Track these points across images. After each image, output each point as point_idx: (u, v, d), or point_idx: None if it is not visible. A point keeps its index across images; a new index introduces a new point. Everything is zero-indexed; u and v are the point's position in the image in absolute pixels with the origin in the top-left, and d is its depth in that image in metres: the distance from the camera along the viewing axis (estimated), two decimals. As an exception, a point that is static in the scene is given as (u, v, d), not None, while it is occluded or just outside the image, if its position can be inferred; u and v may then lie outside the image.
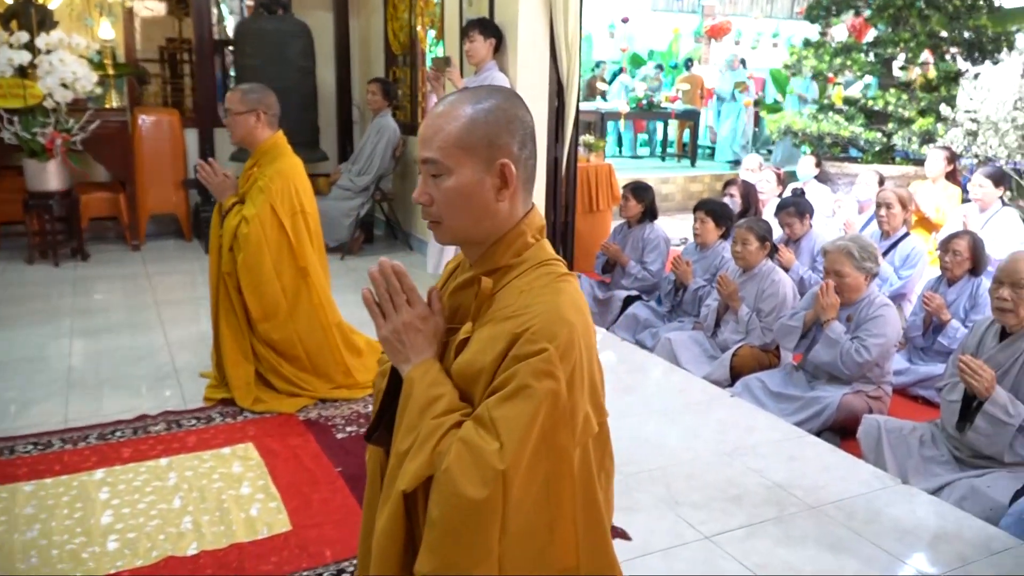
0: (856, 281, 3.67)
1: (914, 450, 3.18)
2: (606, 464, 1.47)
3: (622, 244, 5.37)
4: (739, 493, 2.83)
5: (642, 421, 3.44)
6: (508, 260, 1.39)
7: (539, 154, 5.01)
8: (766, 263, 4.36)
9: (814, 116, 8.05)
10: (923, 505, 2.80)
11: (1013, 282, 2.97)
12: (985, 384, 2.94)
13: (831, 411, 3.56)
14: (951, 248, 4.23)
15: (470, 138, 1.33)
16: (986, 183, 5.38)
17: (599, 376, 1.39)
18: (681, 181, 10.56)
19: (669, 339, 4.45)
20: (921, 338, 4.32)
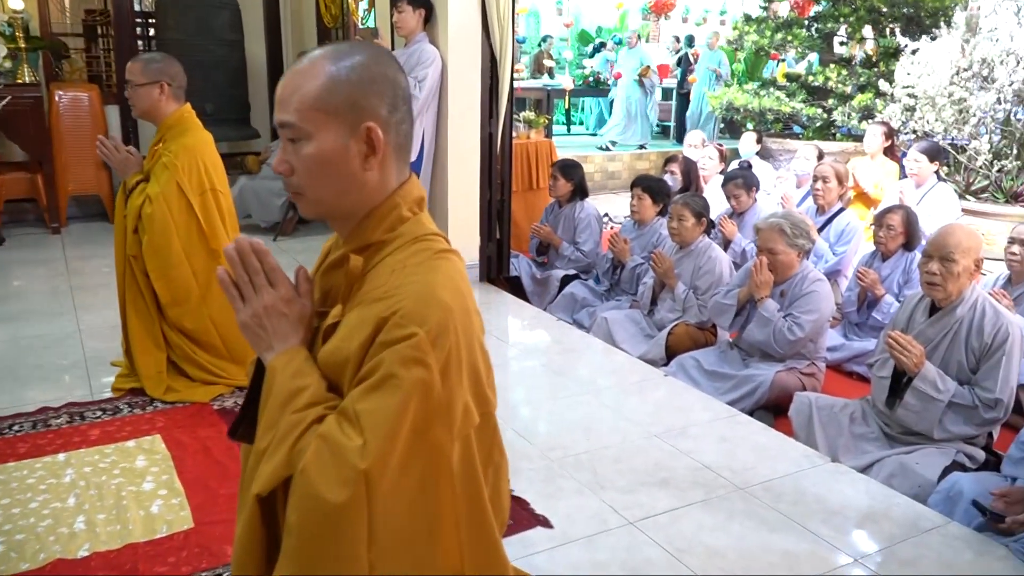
0: (789, 258, 3.61)
1: (844, 427, 3.13)
2: (494, 457, 1.35)
3: (554, 225, 5.26)
4: (667, 476, 2.75)
5: (572, 404, 3.35)
6: (380, 236, 1.26)
7: (473, 130, 4.92)
8: (702, 240, 4.29)
9: (756, 92, 8.02)
10: (852, 484, 2.75)
11: (942, 256, 2.92)
12: (914, 360, 2.90)
13: (764, 389, 3.51)
14: (885, 223, 4.20)
15: (331, 99, 1.19)
16: (921, 158, 5.38)
17: (483, 363, 1.27)
18: (627, 159, 10.48)
19: (605, 318, 4.36)
20: (856, 313, 4.30)
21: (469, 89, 4.79)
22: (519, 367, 3.78)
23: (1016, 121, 6.40)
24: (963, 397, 2.90)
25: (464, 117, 4.81)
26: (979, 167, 6.30)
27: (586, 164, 10.11)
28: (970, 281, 2.96)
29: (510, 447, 2.97)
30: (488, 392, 1.28)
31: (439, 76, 4.68)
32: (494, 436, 1.34)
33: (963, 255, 2.90)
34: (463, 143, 4.85)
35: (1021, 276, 3.78)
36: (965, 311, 2.96)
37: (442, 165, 4.90)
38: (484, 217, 5.04)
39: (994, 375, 2.87)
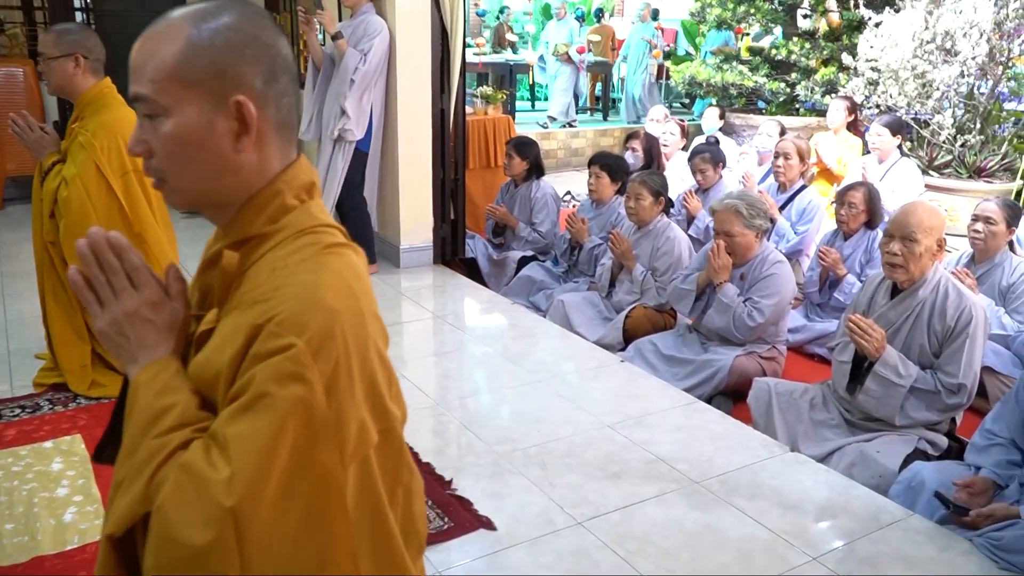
0: (747, 239, 3.48)
1: (804, 414, 3.03)
2: (403, 477, 1.18)
3: (509, 204, 5.09)
4: (619, 470, 2.62)
5: (524, 393, 3.20)
6: (261, 228, 1.08)
7: (424, 106, 4.71)
8: (661, 219, 4.15)
9: (718, 67, 7.87)
10: (811, 475, 2.64)
11: (904, 235, 2.81)
12: (875, 344, 2.79)
13: (723, 375, 3.39)
14: (847, 200, 4.09)
15: (191, 67, 1.01)
16: (884, 133, 5.28)
17: (382, 372, 1.10)
18: (591, 135, 10.32)
19: (562, 301, 4.22)
20: (817, 294, 4.19)
21: (419, 63, 4.58)
22: (471, 354, 3.62)
23: (979, 95, 6.33)
24: (925, 382, 2.80)
25: (414, 92, 4.61)
26: (942, 142, 6.23)
27: (549, 141, 9.95)
28: (933, 262, 2.85)
29: (456, 441, 2.83)
30: (390, 405, 1.12)
31: (386, 49, 4.46)
32: (400, 454, 1.17)
33: (925, 235, 2.79)
34: (413, 120, 4.65)
35: (984, 254, 3.69)
36: (927, 293, 2.85)
37: (392, 143, 4.69)
38: (437, 197, 4.85)
39: (957, 359, 2.77)
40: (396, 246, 4.85)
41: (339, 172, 4.52)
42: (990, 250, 3.67)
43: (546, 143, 9.91)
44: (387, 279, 4.65)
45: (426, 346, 3.72)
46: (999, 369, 3.36)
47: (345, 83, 4.36)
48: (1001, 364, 3.37)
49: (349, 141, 4.47)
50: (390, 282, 4.60)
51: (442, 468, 2.60)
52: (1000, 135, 6.37)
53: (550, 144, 9.95)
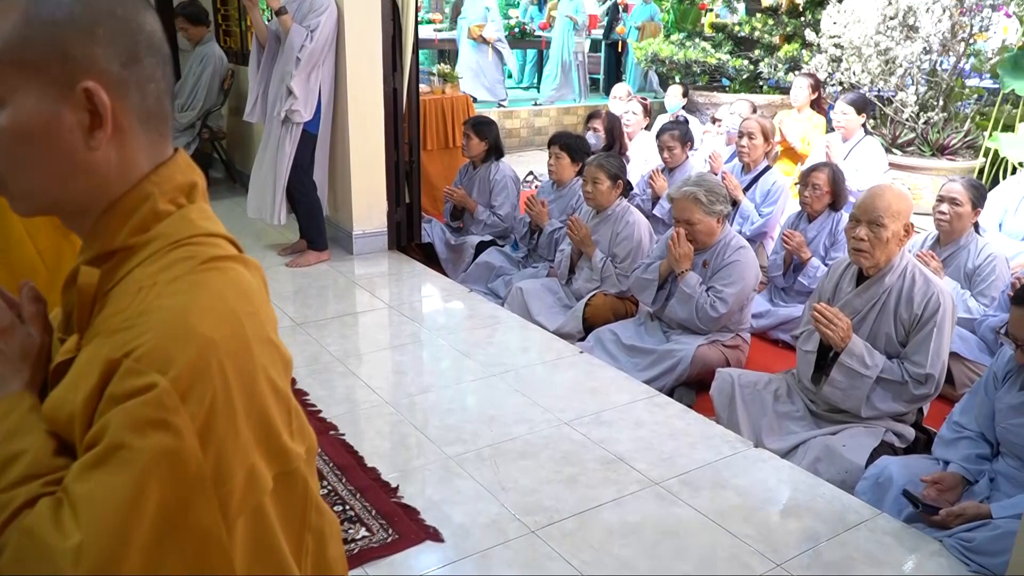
0: (708, 226, 3.35)
1: (768, 406, 2.92)
2: (311, 521, 1.03)
3: (468, 187, 4.92)
4: (575, 472, 2.49)
5: (478, 388, 3.05)
6: (126, 240, 0.91)
7: (375, 85, 4.51)
8: (620, 203, 4.00)
9: (681, 44, 7.72)
10: (774, 472, 2.54)
11: (870, 220, 2.69)
12: (841, 334, 2.69)
13: (684, 365, 3.27)
14: (810, 182, 3.98)
15: (28, 48, 0.83)
16: (849, 111, 5.19)
17: (278, 406, 0.94)
18: (554, 114, 10.13)
19: (521, 289, 4.07)
20: (782, 278, 4.09)
21: (369, 39, 4.36)
22: (424, 347, 3.46)
23: (942, 72, 6.26)
24: (892, 372, 2.71)
25: (364, 71, 4.40)
26: (905, 119, 6.16)
27: (511, 120, 9.76)
28: (899, 247, 2.74)
29: (405, 443, 2.67)
30: (289, 444, 0.96)
31: (334, 25, 4.24)
32: (306, 496, 1.02)
33: (892, 219, 2.68)
34: (364, 100, 4.44)
35: (950, 236, 3.61)
36: (894, 280, 2.74)
37: (342, 125, 4.49)
38: (391, 180, 4.66)
39: (924, 348, 2.67)
40: (349, 232, 4.66)
41: (287, 155, 4.31)
42: (955, 232, 3.58)
43: (508, 122, 9.71)
44: (339, 267, 4.46)
45: (378, 339, 3.55)
46: (966, 355, 3.28)
47: (291, 62, 4.14)
48: (968, 350, 3.30)
49: (296, 123, 4.26)
50: (342, 270, 4.41)
51: (388, 474, 2.45)
52: (962, 112, 6.31)
53: (512, 123, 9.75)
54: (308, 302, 3.93)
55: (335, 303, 3.93)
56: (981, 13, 6.05)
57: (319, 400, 2.92)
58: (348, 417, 2.80)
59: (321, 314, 3.76)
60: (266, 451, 0.91)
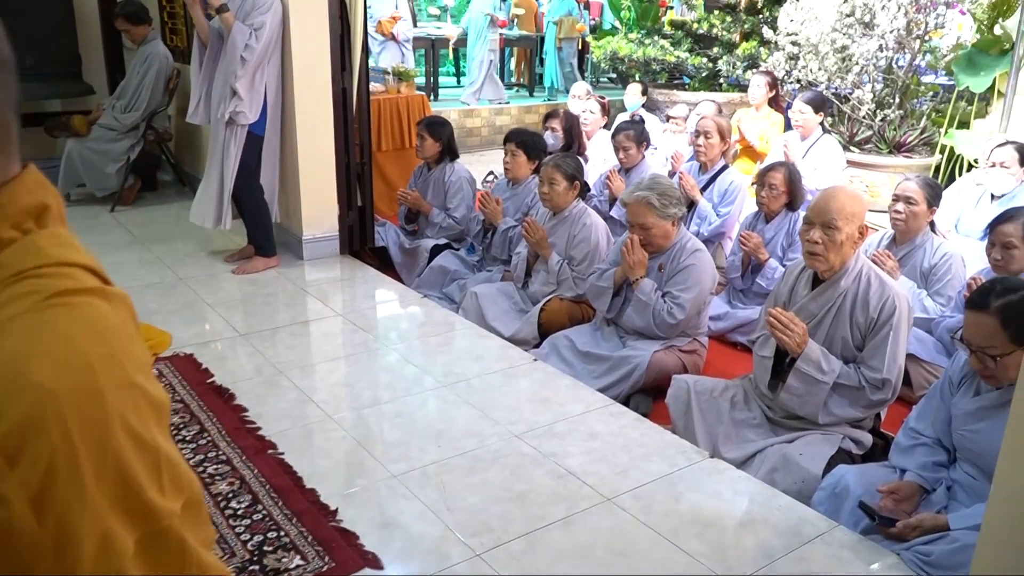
0: (662, 229, 3.27)
1: (724, 414, 2.85)
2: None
3: (422, 189, 4.80)
4: (525, 489, 2.39)
5: (427, 401, 2.95)
6: (-38, 271, 0.79)
7: (323, 86, 4.37)
8: (577, 205, 3.92)
9: (640, 41, 7.67)
10: (730, 483, 2.46)
11: (824, 223, 2.63)
12: (797, 339, 2.62)
13: (640, 372, 3.19)
14: (767, 181, 3.93)
15: None
16: (807, 110, 5.16)
17: (142, 460, 0.82)
18: (516, 112, 10.03)
19: (475, 293, 3.96)
20: (740, 279, 4.04)
21: (315, 38, 4.23)
22: (373, 357, 3.34)
23: (898, 68, 6.27)
24: (849, 378, 2.65)
25: (312, 71, 4.26)
26: (862, 117, 6.16)
27: (471, 118, 9.65)
28: (854, 250, 2.69)
29: (347, 461, 2.55)
30: (159, 500, 0.83)
31: (279, 23, 4.10)
32: (183, 555, 0.90)
33: (846, 222, 2.61)
34: (312, 101, 4.30)
35: (906, 235, 3.57)
36: (849, 283, 2.69)
37: (290, 127, 4.35)
38: (342, 183, 4.53)
39: (881, 353, 2.62)
40: (299, 236, 4.51)
41: (232, 158, 4.16)
42: (911, 231, 3.54)
43: (469, 121, 9.60)
44: (288, 273, 4.32)
45: (325, 349, 3.42)
46: (923, 357, 3.24)
47: (235, 61, 3.98)
48: (925, 351, 3.26)
49: (241, 124, 4.11)
50: (292, 276, 4.27)
51: (328, 496, 2.33)
52: (919, 109, 6.33)
53: (473, 122, 9.64)
54: (253, 311, 3.79)
55: (282, 311, 3.79)
56: (936, 10, 6.06)
57: (259, 416, 2.79)
58: (289, 434, 2.68)
59: (267, 323, 3.63)
60: (125, 511, 0.79)
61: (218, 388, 3.00)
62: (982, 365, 2.17)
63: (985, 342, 2.13)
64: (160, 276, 4.21)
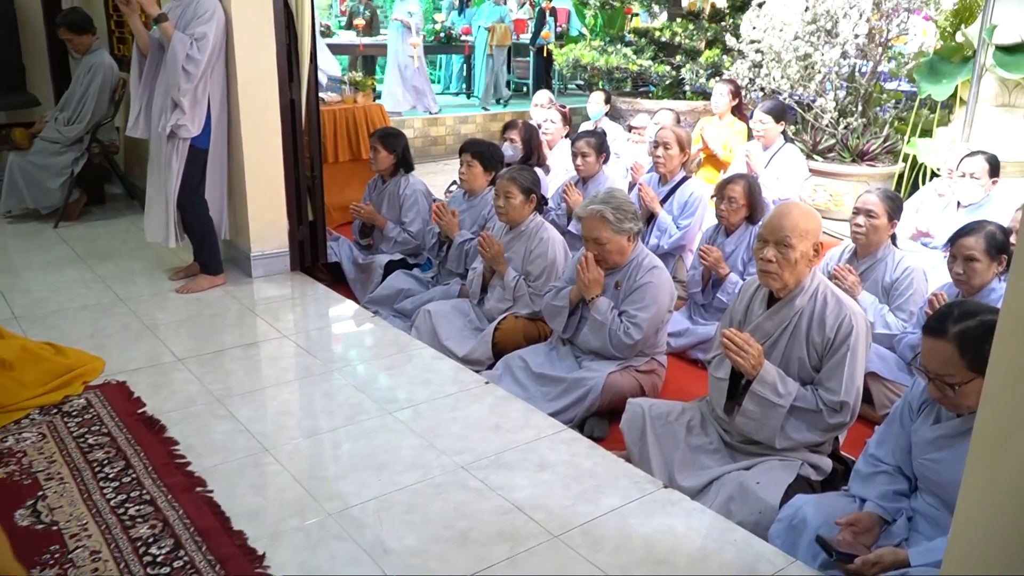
0: (618, 245, 3.17)
1: (680, 439, 2.74)
2: None
3: (377, 202, 4.66)
4: (468, 527, 2.26)
5: (370, 430, 2.80)
6: None
7: (270, 97, 4.19)
8: (534, 219, 3.80)
9: (603, 49, 7.58)
10: (684, 516, 2.35)
11: (778, 240, 2.53)
12: (752, 361, 2.52)
13: (595, 395, 3.08)
14: (726, 194, 3.84)
15: None
16: (767, 119, 5.10)
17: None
18: (481, 120, 9.93)
19: (429, 312, 3.83)
20: (700, 294, 3.94)
21: (261, 48, 4.08)
22: (316, 383, 3.19)
23: (860, 76, 6.24)
24: (806, 400, 2.55)
25: (257, 81, 4.11)
26: (825, 126, 6.11)
27: (436, 127, 9.53)
28: (810, 268, 2.59)
29: (280, 499, 2.36)
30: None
31: (222, 32, 3.95)
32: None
33: (801, 239, 2.52)
34: (259, 113, 4.15)
35: (867, 249, 3.49)
36: (805, 302, 2.59)
37: (236, 141, 4.19)
38: (292, 197, 4.38)
39: (838, 374, 2.52)
40: (247, 253, 4.35)
41: (175, 173, 3.99)
42: (872, 244, 3.47)
43: (433, 129, 9.49)
44: (236, 291, 4.15)
45: (267, 374, 3.26)
46: (885, 375, 3.16)
47: (176, 73, 3.82)
48: (887, 369, 3.18)
49: (183, 138, 3.94)
50: (238, 295, 4.11)
51: (256, 537, 2.18)
52: (881, 117, 6.30)
53: (437, 130, 9.52)
54: (195, 333, 3.62)
55: (225, 333, 3.63)
56: (899, 17, 6.04)
57: (190, 450, 2.63)
58: (221, 470, 2.52)
59: (208, 346, 3.46)
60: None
61: (149, 419, 2.84)
62: (940, 393, 2.08)
63: (943, 369, 2.03)
64: (99, 296, 4.03)
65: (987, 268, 2.94)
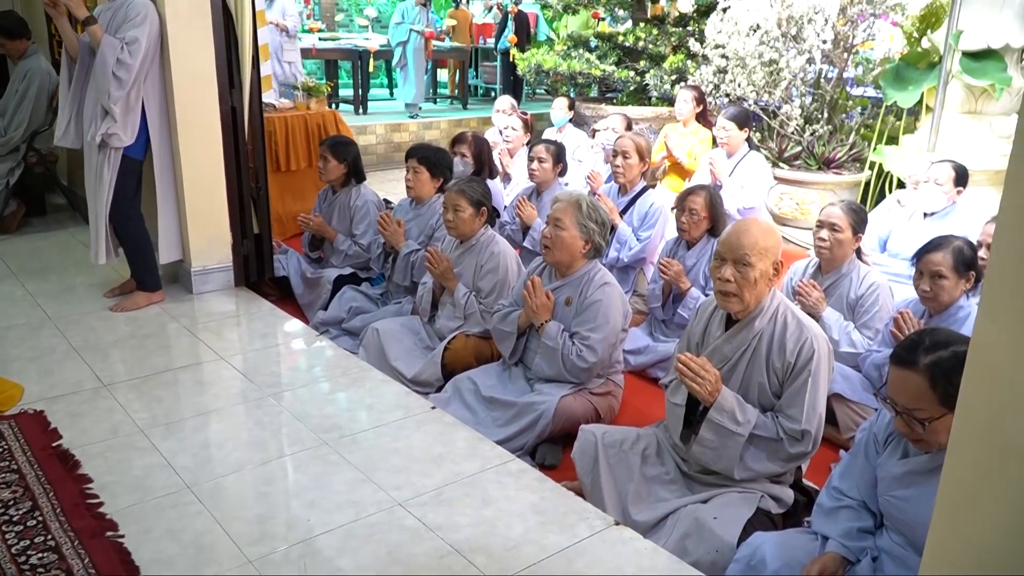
0: (571, 240, 3.00)
1: (635, 470, 2.57)
2: None
3: (327, 214, 4.46)
4: (400, 573, 2.07)
5: (303, 462, 2.61)
6: None
7: (209, 104, 3.95)
8: (484, 232, 3.63)
9: (565, 54, 7.43)
10: (635, 558, 2.18)
11: (736, 259, 2.38)
12: (709, 387, 2.37)
13: (546, 421, 2.90)
14: (687, 206, 3.69)
15: None
16: (731, 127, 4.97)
17: None
18: (445, 126, 9.74)
19: (377, 330, 3.64)
20: (661, 309, 3.79)
21: (198, 52, 3.87)
22: (250, 410, 2.99)
23: (826, 83, 6.15)
24: (766, 428, 2.40)
25: (195, 88, 3.90)
26: (791, 133, 6.01)
27: (399, 133, 9.33)
28: (769, 287, 2.44)
29: (197, 543, 2.12)
30: None
31: (156, 36, 3.73)
32: None
33: (760, 257, 2.37)
34: (197, 120, 3.94)
35: (831, 264, 3.36)
36: (765, 323, 2.44)
37: (172, 149, 3.97)
38: (235, 209, 4.16)
39: (799, 401, 2.37)
40: (188, 269, 4.13)
41: (106, 184, 3.77)
42: (836, 259, 3.34)
43: (396, 135, 9.29)
44: (174, 309, 3.93)
45: (198, 401, 3.05)
46: (849, 396, 3.02)
47: (106, 79, 3.60)
48: (851, 390, 3.04)
49: (115, 147, 3.72)
50: (177, 313, 3.89)
51: (166, 591, 1.99)
52: (848, 124, 6.21)
53: (401, 136, 9.32)
54: (125, 356, 3.40)
55: (157, 356, 3.41)
56: (865, 22, 5.95)
57: (104, 489, 2.42)
58: (135, 511, 2.32)
59: (137, 371, 3.25)
60: None
61: (63, 453, 2.62)
62: (908, 428, 1.93)
63: (912, 403, 1.88)
64: (28, 315, 3.80)
65: (955, 285, 2.81)
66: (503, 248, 3.60)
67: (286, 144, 5.55)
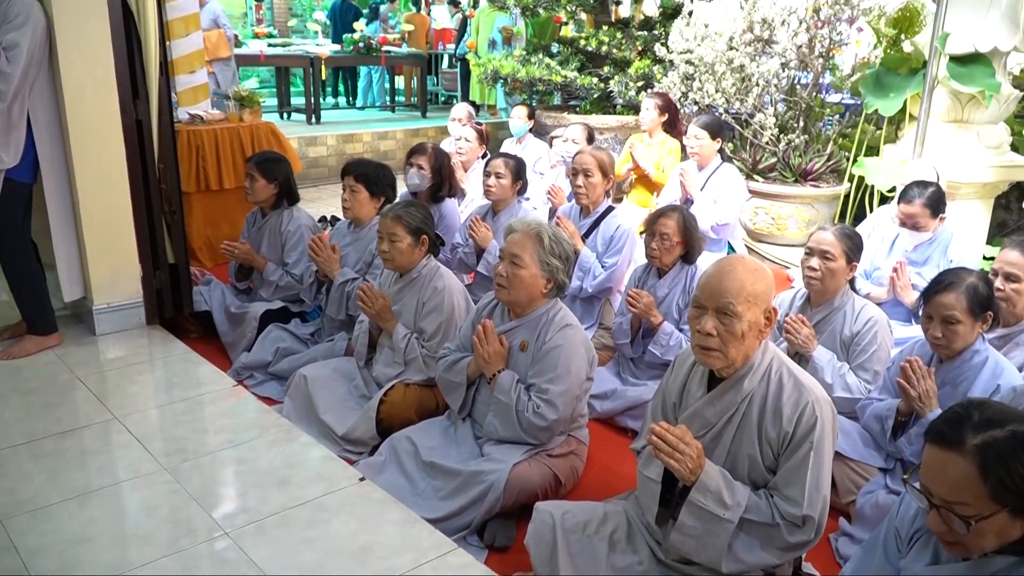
0: (532, 279, 2.56)
1: (602, 559, 2.12)
2: None
3: (256, 240, 3.96)
4: None
5: (188, 561, 2.11)
6: None
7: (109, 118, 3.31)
8: (427, 263, 3.16)
9: (524, 59, 6.98)
10: None
11: (719, 308, 1.94)
12: (690, 464, 1.92)
13: (496, 494, 2.44)
14: (657, 231, 3.25)
15: None
16: (702, 135, 4.57)
17: None
18: (401, 136, 9.25)
19: (305, 377, 3.15)
20: (629, 346, 3.34)
21: (94, 57, 3.36)
22: (134, 489, 2.48)
23: (800, 89, 5.77)
24: (759, 512, 1.96)
25: (91, 99, 3.40)
26: (765, 143, 5.62)
27: (353, 143, 8.85)
28: (759, 340, 2.00)
29: None
30: None
31: (42, 42, 3.22)
32: None
33: (747, 306, 1.93)
34: (95, 136, 3.43)
35: (822, 296, 2.95)
36: (755, 384, 2.00)
37: (68, 171, 3.45)
38: (143, 237, 3.65)
39: (799, 480, 1.93)
40: (89, 306, 3.61)
41: (-12, 212, 3.25)
42: (828, 291, 2.92)
43: (349, 146, 8.79)
44: (71, 355, 3.41)
45: (72, 479, 2.51)
46: (849, 455, 2.60)
47: (-16, 90, 3.08)
48: (851, 448, 2.61)
49: (-3, 169, 3.20)
50: (73, 360, 3.36)
51: None
52: (824, 133, 5.85)
53: (354, 147, 8.82)
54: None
55: (37, 418, 2.88)
56: (838, 26, 5.59)
57: (-70, 610, 1.91)
58: (-37, 643, 1.81)
59: (8, 438, 2.72)
60: None
61: None
62: (946, 528, 1.49)
63: (954, 496, 1.44)
64: None
65: (970, 330, 2.39)
66: (448, 282, 3.13)
67: (216, 160, 5.03)
